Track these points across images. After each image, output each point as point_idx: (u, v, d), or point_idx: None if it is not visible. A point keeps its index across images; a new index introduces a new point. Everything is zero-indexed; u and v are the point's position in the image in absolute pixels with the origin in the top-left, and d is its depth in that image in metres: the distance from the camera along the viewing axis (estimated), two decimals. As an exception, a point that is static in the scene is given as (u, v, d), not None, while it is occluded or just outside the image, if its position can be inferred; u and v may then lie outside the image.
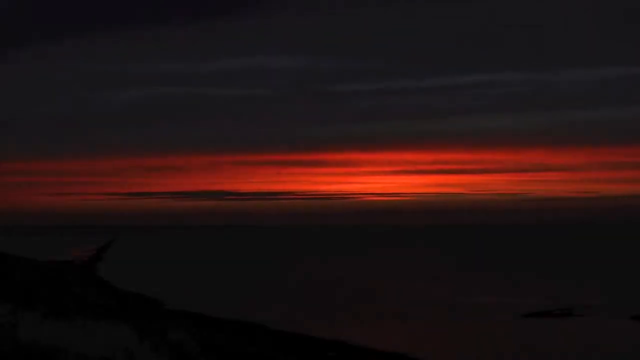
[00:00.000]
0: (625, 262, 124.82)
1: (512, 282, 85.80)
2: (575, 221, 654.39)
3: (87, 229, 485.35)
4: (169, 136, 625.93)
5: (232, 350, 34.60)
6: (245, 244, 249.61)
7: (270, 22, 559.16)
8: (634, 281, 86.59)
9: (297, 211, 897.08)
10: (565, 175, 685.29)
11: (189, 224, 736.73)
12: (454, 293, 73.96)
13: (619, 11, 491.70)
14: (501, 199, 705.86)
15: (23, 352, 18.73)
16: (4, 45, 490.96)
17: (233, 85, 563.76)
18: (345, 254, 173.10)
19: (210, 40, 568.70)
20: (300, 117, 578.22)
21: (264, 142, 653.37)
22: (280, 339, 40.99)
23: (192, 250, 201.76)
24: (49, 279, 76.75)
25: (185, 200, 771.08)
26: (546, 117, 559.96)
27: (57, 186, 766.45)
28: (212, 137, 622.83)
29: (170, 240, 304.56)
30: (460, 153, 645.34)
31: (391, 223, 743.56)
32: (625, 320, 53.96)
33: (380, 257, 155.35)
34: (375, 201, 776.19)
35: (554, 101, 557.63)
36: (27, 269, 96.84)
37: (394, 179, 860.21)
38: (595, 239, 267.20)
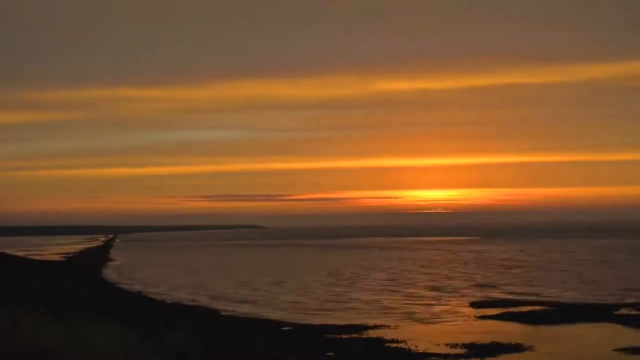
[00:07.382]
0: None
1: None
2: None
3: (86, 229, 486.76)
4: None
5: (234, 350, 34.13)
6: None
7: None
8: None
9: None
10: None
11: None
12: None
13: None
14: None
15: (22, 354, 18.37)
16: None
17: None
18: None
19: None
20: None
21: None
22: (288, 337, 40.29)
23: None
24: (49, 279, 76.38)
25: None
26: None
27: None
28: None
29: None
30: None
31: None
32: None
33: None
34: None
35: None
36: (26, 269, 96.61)
37: None
38: None
